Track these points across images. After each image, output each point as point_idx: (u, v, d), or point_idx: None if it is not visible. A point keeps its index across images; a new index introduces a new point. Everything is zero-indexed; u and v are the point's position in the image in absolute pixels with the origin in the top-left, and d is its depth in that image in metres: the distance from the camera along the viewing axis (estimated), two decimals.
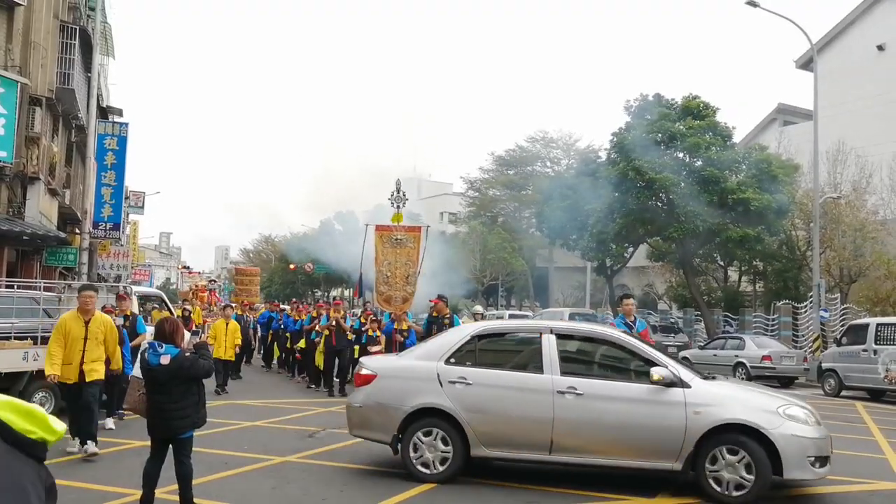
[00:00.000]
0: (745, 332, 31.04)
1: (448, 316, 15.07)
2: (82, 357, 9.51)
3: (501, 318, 43.13)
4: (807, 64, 39.73)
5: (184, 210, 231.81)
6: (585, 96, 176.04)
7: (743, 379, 24.76)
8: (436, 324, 14.80)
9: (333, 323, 17.60)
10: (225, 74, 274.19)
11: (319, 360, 18.10)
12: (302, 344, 19.99)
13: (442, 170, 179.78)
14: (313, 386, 18.88)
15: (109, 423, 11.72)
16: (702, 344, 30.06)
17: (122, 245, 39.55)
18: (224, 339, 17.66)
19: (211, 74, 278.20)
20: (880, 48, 38.83)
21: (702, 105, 32.75)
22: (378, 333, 18.18)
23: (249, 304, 31.63)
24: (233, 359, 18.12)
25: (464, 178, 71.95)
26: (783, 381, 25.05)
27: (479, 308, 19.62)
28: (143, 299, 19.76)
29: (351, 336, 18.20)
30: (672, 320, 36.39)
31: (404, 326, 14.90)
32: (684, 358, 27.65)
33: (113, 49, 39.20)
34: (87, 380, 9.51)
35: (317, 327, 18.62)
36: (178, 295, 61.64)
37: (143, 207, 57.61)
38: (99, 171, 27.22)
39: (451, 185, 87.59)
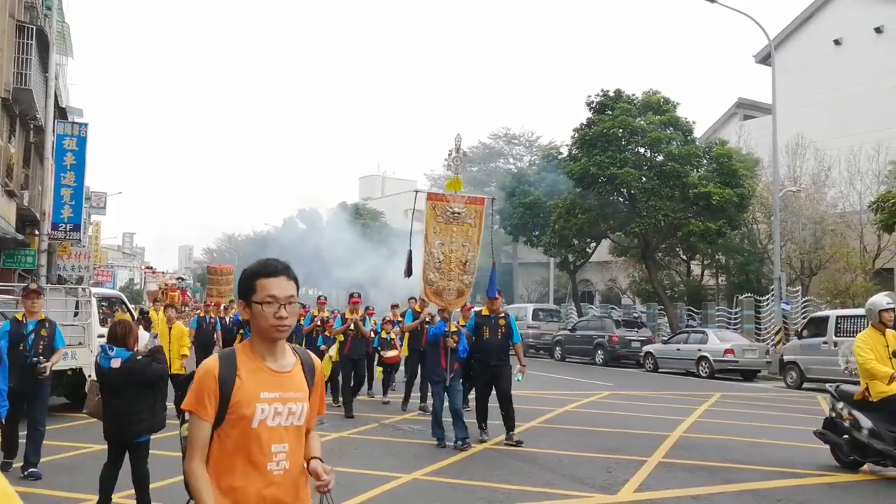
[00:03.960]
0: (708, 325, 31.30)
1: (504, 315, 11.90)
2: None
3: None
4: (765, 59, 40.16)
5: (147, 210, 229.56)
6: (547, 93, 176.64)
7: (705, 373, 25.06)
8: (487, 325, 11.71)
9: (351, 326, 14.42)
10: (186, 72, 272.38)
11: (326, 367, 14.64)
12: None
13: (405, 167, 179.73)
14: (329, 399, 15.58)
15: None
16: (665, 338, 30.25)
17: (83, 246, 39.04)
18: (167, 349, 12.54)
19: (173, 72, 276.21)
20: (837, 43, 39.31)
21: (662, 100, 33.07)
22: (392, 336, 15.93)
23: (217, 304, 31.25)
24: (182, 371, 13.61)
25: (427, 175, 72.25)
26: (746, 375, 25.28)
27: (886, 299, 9.81)
28: (104, 301, 19.43)
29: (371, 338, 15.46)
30: (635, 315, 36.64)
31: (454, 328, 11.64)
32: (647, 353, 27.93)
33: (71, 49, 38.73)
34: None
35: (328, 331, 15.53)
36: (147, 295, 60.97)
37: (104, 208, 57.09)
38: (58, 172, 26.88)
39: (415, 181, 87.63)
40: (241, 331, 21.69)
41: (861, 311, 21.33)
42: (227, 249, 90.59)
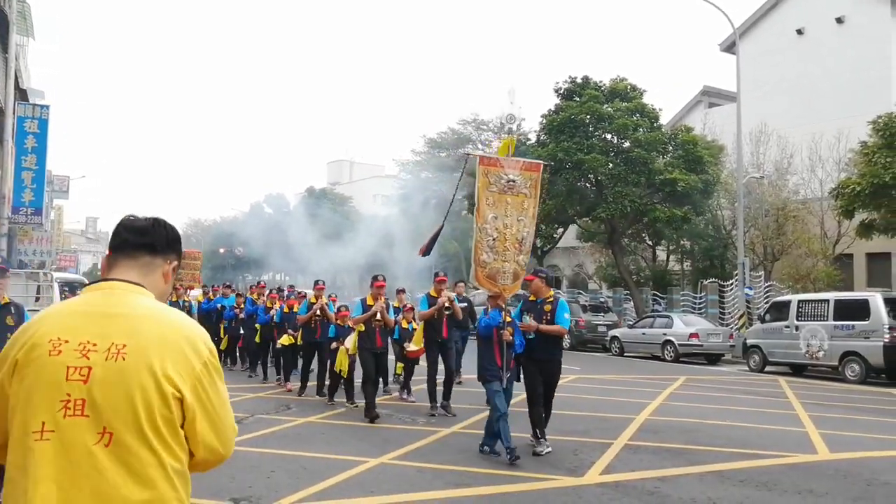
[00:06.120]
0: (674, 310, 31.59)
1: (551, 300, 9.89)
2: None
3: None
4: (730, 47, 40.45)
5: (111, 194, 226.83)
6: (515, 79, 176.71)
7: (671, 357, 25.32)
8: (532, 311, 9.82)
9: (378, 316, 12.37)
10: (151, 54, 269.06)
11: (343, 362, 13.12)
12: (286, 340, 15.72)
13: (374, 152, 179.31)
14: (336, 400, 13.69)
15: None
16: (631, 322, 30.49)
17: (45, 231, 38.58)
18: None
19: (138, 54, 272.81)
20: (799, 32, 39.71)
21: (629, 87, 33.21)
22: (414, 326, 13.99)
23: (181, 289, 30.94)
24: None
25: (396, 161, 72.11)
26: (710, 358, 25.57)
27: None
28: (67, 286, 19.28)
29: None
30: (602, 300, 36.83)
31: (508, 318, 9.63)
32: (614, 337, 28.14)
33: (32, 29, 38.15)
34: None
35: (348, 321, 13.50)
36: None
37: (67, 192, 56.29)
38: (18, 155, 26.49)
39: (383, 167, 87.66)
40: (223, 321, 20.71)
41: (822, 296, 21.80)
42: (193, 234, 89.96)
